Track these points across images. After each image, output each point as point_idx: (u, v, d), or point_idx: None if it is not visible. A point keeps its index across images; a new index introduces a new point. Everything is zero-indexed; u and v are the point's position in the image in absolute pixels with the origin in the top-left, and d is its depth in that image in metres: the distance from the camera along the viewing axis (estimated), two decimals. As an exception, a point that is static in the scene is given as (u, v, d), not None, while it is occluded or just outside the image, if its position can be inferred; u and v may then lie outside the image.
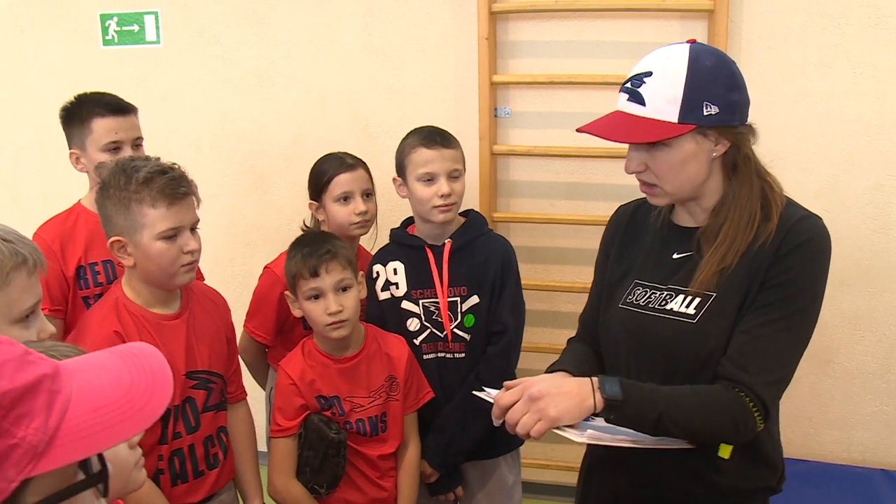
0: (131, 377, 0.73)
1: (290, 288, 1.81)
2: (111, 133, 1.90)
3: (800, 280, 1.28)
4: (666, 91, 1.26)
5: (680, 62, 1.27)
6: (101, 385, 0.72)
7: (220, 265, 2.86)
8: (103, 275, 1.90)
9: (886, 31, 2.36)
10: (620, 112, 1.32)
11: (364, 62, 2.72)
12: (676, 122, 1.26)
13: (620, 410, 1.26)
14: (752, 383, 1.27)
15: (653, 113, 1.27)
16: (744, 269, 1.30)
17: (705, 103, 1.27)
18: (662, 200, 1.38)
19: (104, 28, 2.87)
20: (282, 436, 1.80)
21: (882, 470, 2.54)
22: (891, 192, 2.45)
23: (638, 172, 1.35)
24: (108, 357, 0.76)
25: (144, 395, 0.72)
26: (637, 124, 1.28)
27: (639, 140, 1.30)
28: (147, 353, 0.77)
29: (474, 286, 1.92)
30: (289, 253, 1.82)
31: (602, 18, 2.52)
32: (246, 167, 2.89)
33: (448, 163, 1.88)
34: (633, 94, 1.29)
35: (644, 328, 1.38)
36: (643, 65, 1.31)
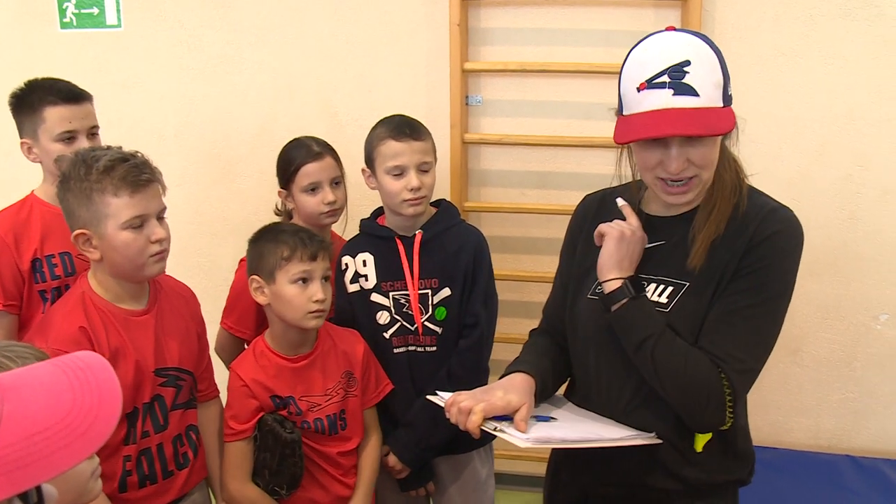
0: (74, 395, 0.64)
1: (265, 272, 1.73)
2: (65, 122, 1.82)
3: (771, 270, 1.28)
4: (711, 77, 1.22)
5: (704, 46, 1.24)
6: (38, 406, 0.63)
7: (185, 257, 2.80)
8: (61, 267, 1.83)
9: (855, 23, 2.37)
10: (672, 109, 1.21)
11: (333, 49, 2.66)
12: (723, 107, 1.24)
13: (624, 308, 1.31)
14: (725, 370, 1.26)
15: (707, 102, 1.22)
16: (716, 258, 1.29)
17: (728, 84, 1.26)
18: (693, 193, 1.32)
19: (62, 10, 2.76)
20: (235, 439, 1.75)
21: (848, 456, 2.58)
22: (859, 183, 2.47)
23: (682, 169, 1.27)
24: (49, 371, 0.67)
25: (88, 417, 0.64)
26: (703, 115, 1.21)
27: (724, 130, 1.24)
28: (94, 365, 0.69)
29: (446, 278, 1.89)
30: (266, 237, 1.76)
31: (575, 6, 2.50)
32: (211, 156, 2.82)
33: (418, 155, 1.84)
34: (679, 88, 1.21)
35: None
36: (669, 56, 1.22)
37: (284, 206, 2.08)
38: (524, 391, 1.35)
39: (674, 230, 1.36)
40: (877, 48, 2.37)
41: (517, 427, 1.27)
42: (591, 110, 2.53)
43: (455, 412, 1.31)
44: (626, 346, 1.31)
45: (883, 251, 2.51)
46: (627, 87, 1.28)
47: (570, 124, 2.56)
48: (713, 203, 1.32)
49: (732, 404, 1.27)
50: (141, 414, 1.60)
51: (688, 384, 1.27)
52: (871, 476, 2.50)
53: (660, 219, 1.40)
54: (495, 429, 1.27)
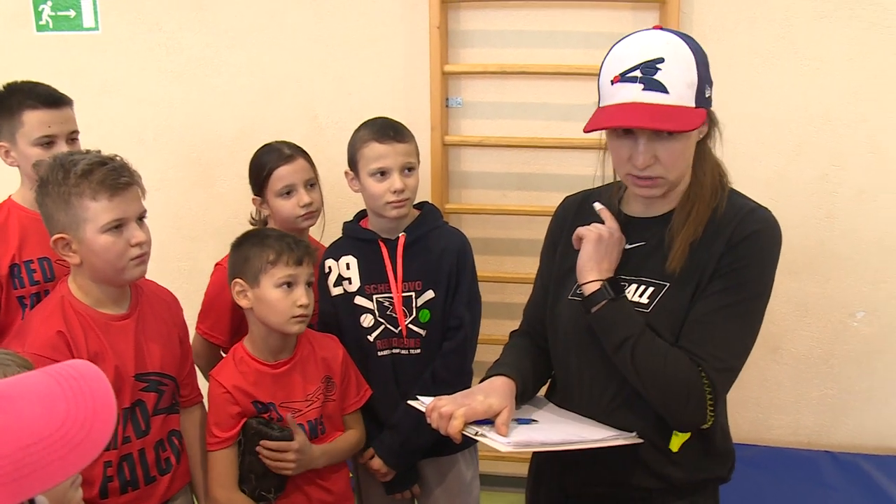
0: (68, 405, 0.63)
1: (249, 276, 1.72)
2: (44, 126, 1.80)
3: (750, 270, 1.29)
4: (684, 76, 1.23)
5: (683, 46, 1.24)
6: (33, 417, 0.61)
7: (165, 261, 2.77)
8: (39, 273, 1.81)
9: (830, 25, 2.41)
10: (639, 104, 1.23)
11: (313, 51, 2.66)
12: (694, 108, 1.23)
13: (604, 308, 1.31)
14: (705, 368, 1.27)
15: (677, 100, 1.22)
16: (696, 258, 1.30)
17: (706, 86, 1.26)
18: (659, 191, 1.33)
19: (37, 13, 2.73)
20: (221, 447, 1.73)
21: (827, 452, 2.62)
22: (835, 183, 2.51)
23: (648, 166, 1.28)
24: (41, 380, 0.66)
25: (83, 428, 0.63)
26: (669, 113, 1.22)
27: (689, 127, 1.23)
28: (87, 374, 0.68)
29: (429, 281, 1.89)
30: (251, 241, 1.75)
31: (554, 8, 2.51)
32: (191, 159, 2.80)
33: (401, 157, 1.83)
34: (650, 83, 1.22)
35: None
36: (644, 52, 1.24)
37: (260, 214, 2.06)
38: (505, 394, 1.35)
39: (653, 231, 1.37)
40: (851, 50, 2.41)
41: (498, 431, 1.27)
42: (570, 112, 2.55)
43: (436, 417, 1.30)
44: (607, 346, 1.32)
45: (859, 250, 2.54)
46: (603, 80, 1.30)
47: (549, 126, 2.57)
48: (691, 205, 1.33)
49: (713, 403, 1.28)
50: (121, 419, 1.58)
51: (668, 383, 1.27)
52: (850, 471, 2.54)
53: (639, 220, 1.40)
54: (476, 433, 1.27)
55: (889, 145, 2.46)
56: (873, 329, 2.59)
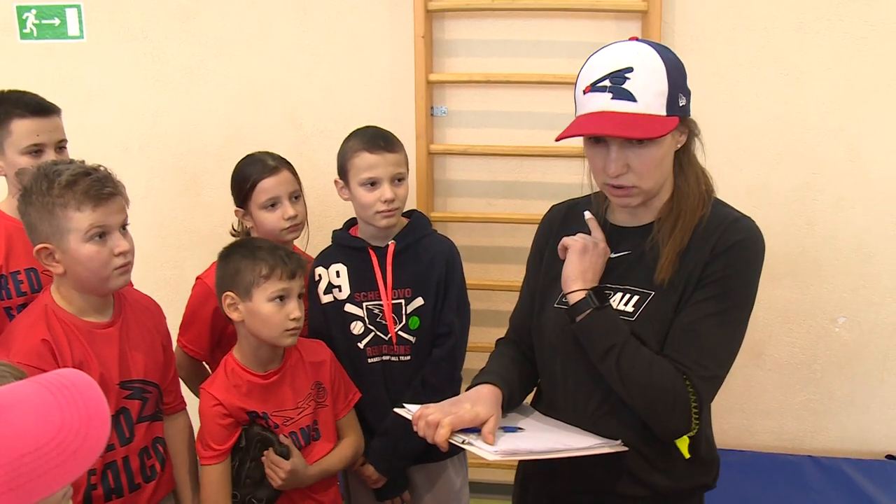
0: (62, 415, 0.64)
1: (241, 289, 1.70)
2: (32, 135, 1.80)
3: (735, 279, 1.30)
4: (653, 85, 1.25)
5: (653, 56, 1.26)
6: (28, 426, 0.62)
7: (150, 269, 2.77)
8: (27, 283, 1.80)
9: (809, 36, 2.45)
10: (605, 112, 1.26)
11: (298, 60, 2.67)
12: (665, 116, 1.25)
13: (588, 318, 1.31)
14: (689, 376, 1.28)
15: (645, 108, 1.24)
16: (681, 267, 1.32)
17: (679, 95, 1.28)
18: (636, 201, 1.34)
19: (21, 21, 2.72)
20: (215, 462, 1.72)
21: (810, 457, 2.65)
22: (815, 190, 2.54)
23: (619, 175, 1.30)
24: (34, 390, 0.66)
25: (78, 437, 0.63)
26: (635, 121, 1.24)
27: (655, 134, 1.25)
28: (79, 383, 0.68)
29: (419, 288, 1.90)
30: (242, 253, 1.73)
31: (538, 18, 2.54)
32: (177, 168, 2.80)
33: (391, 167, 1.85)
34: (618, 92, 1.25)
35: None
36: (613, 62, 1.27)
37: (242, 226, 2.04)
38: (491, 403, 1.35)
39: (639, 240, 1.38)
40: (829, 60, 2.45)
41: (485, 439, 1.27)
42: (554, 120, 2.56)
43: (423, 426, 1.31)
44: (592, 355, 1.33)
45: (839, 256, 2.58)
46: (577, 90, 1.33)
47: (534, 134, 2.59)
48: (676, 214, 1.34)
49: (698, 411, 1.30)
50: None
51: (653, 392, 1.28)
52: (832, 475, 2.57)
53: (625, 229, 1.42)
54: (463, 442, 1.27)
55: (867, 153, 2.50)
56: (854, 335, 2.63)
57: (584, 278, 1.36)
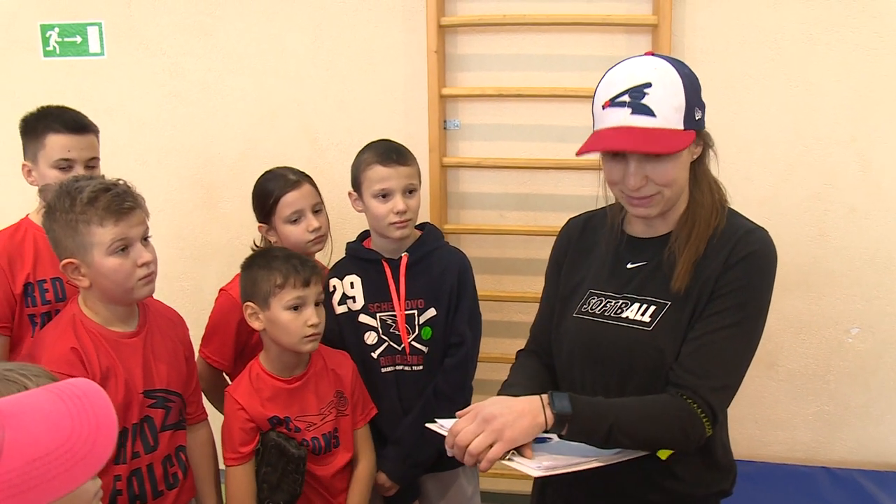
0: (72, 422, 0.66)
1: (259, 299, 1.75)
2: (63, 150, 1.85)
3: (748, 290, 1.31)
4: (671, 99, 1.27)
5: (671, 70, 1.28)
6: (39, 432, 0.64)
7: (168, 281, 2.80)
8: (52, 293, 1.85)
9: (818, 48, 2.46)
10: (625, 128, 1.27)
11: (313, 75, 2.71)
12: (683, 130, 1.28)
13: (571, 425, 1.26)
14: (699, 388, 1.29)
15: (664, 123, 1.26)
16: (696, 277, 1.33)
17: (696, 108, 1.30)
18: (655, 210, 1.36)
19: (45, 39, 2.79)
20: (239, 463, 1.76)
21: (824, 468, 2.63)
22: (827, 201, 2.55)
23: (640, 187, 1.32)
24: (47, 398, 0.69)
25: (87, 443, 0.66)
26: (655, 135, 1.26)
27: (674, 149, 1.27)
28: (90, 392, 0.71)
29: (431, 299, 1.93)
30: (259, 263, 1.78)
31: (549, 32, 2.56)
32: (194, 181, 2.85)
33: (404, 179, 1.88)
34: (637, 108, 1.26)
35: (599, 336, 1.39)
36: (632, 78, 1.28)
37: (265, 241, 2.06)
38: None
39: (655, 251, 1.39)
40: (839, 71, 2.46)
41: (524, 454, 1.26)
42: (566, 133, 2.59)
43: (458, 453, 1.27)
44: (597, 444, 1.31)
45: (852, 267, 2.58)
46: (596, 105, 1.34)
47: (546, 147, 2.61)
48: (691, 225, 1.36)
49: (711, 421, 1.30)
50: (130, 434, 1.61)
51: (665, 433, 1.30)
52: (847, 487, 2.55)
53: (641, 240, 1.43)
54: (505, 457, 1.26)
55: (879, 163, 2.51)
56: (868, 345, 2.62)
57: (524, 435, 1.26)
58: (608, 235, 1.48)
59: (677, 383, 1.31)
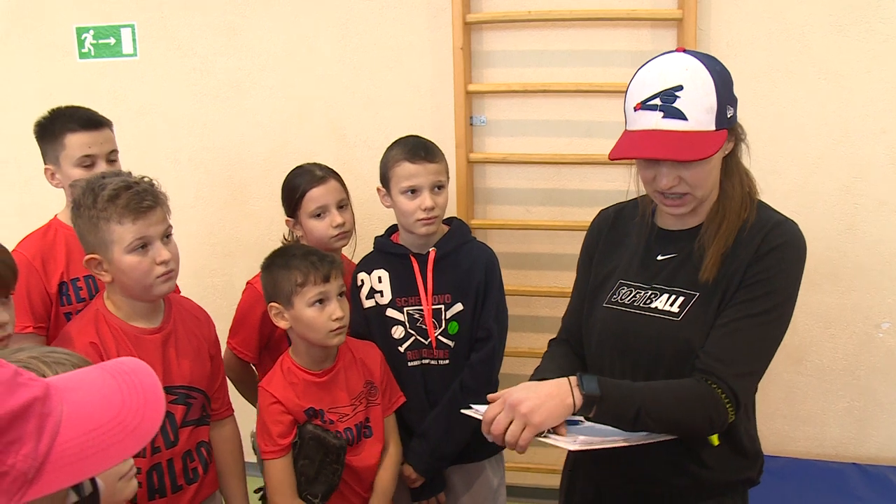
0: (122, 396, 0.71)
1: (282, 298, 1.77)
2: (84, 147, 1.88)
3: (777, 280, 1.33)
4: (703, 101, 1.28)
5: (702, 71, 1.29)
6: (92, 406, 0.69)
7: (199, 277, 2.87)
8: (86, 290, 1.88)
9: (847, 39, 2.43)
10: (657, 131, 1.29)
11: (341, 73, 2.74)
12: (714, 131, 1.29)
13: (599, 407, 1.29)
14: (724, 374, 1.31)
15: (696, 125, 1.27)
16: (725, 269, 1.35)
17: (727, 106, 1.31)
18: (688, 209, 1.38)
19: (80, 41, 2.86)
20: (278, 456, 1.77)
21: (854, 464, 2.60)
22: (856, 194, 2.52)
23: (672, 187, 1.34)
24: (99, 375, 0.73)
25: (137, 416, 0.70)
26: (687, 140, 1.27)
27: (705, 155, 1.28)
28: (138, 370, 0.75)
29: (458, 294, 1.95)
30: (279, 263, 1.80)
31: (574, 27, 2.56)
32: (224, 178, 2.90)
33: (432, 176, 1.89)
34: (669, 111, 1.28)
35: (629, 326, 1.42)
36: (664, 80, 1.29)
37: (293, 235, 2.10)
38: None
39: (685, 243, 1.41)
40: (869, 62, 2.43)
41: (559, 432, 1.30)
42: (592, 128, 2.60)
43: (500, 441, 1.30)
44: (625, 427, 1.33)
45: (882, 260, 2.55)
46: (627, 105, 1.36)
47: (572, 142, 2.62)
48: (720, 217, 1.38)
49: (734, 407, 1.32)
50: None
51: (691, 417, 1.32)
52: (878, 483, 2.52)
53: (672, 232, 1.45)
54: (542, 434, 1.30)
55: (910, 157, 2.48)
56: (899, 340, 2.59)
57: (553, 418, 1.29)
58: (639, 227, 1.49)
59: (703, 369, 1.33)
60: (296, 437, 1.79)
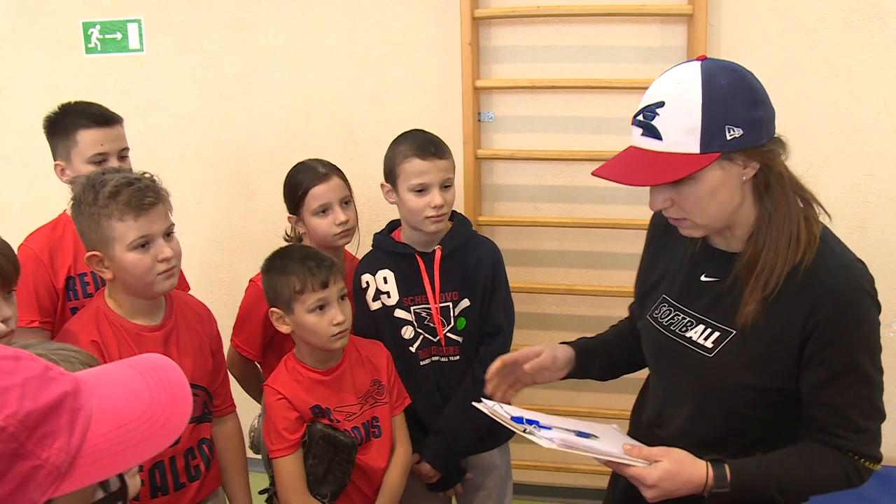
0: (151, 392, 0.71)
1: (282, 304, 1.75)
2: (97, 145, 1.87)
3: (858, 344, 1.28)
4: (682, 121, 1.17)
5: (693, 86, 1.17)
6: (122, 401, 0.69)
7: (206, 272, 2.86)
8: (93, 285, 1.88)
9: (859, 35, 2.41)
10: (635, 148, 1.23)
11: (348, 68, 2.73)
12: (699, 153, 1.17)
13: (731, 495, 1.26)
14: (857, 448, 1.29)
15: (671, 147, 1.18)
16: (772, 314, 1.26)
17: (727, 127, 1.17)
18: (696, 233, 1.30)
19: (87, 36, 2.86)
20: (287, 453, 1.75)
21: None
22: (867, 192, 2.50)
23: (665, 209, 1.27)
24: (126, 370, 0.73)
25: (166, 411, 0.70)
26: (656, 161, 1.19)
27: (660, 181, 1.20)
28: (165, 366, 0.75)
29: (465, 290, 1.93)
30: (277, 268, 1.77)
31: (583, 23, 2.55)
32: (231, 174, 2.89)
33: (441, 173, 1.86)
34: (646, 128, 1.20)
35: (664, 349, 1.40)
36: (654, 94, 1.22)
37: (295, 232, 2.08)
38: (551, 348, 1.53)
39: (727, 268, 1.31)
40: (881, 58, 2.41)
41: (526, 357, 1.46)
42: (600, 125, 2.58)
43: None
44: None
45: (893, 259, 2.52)
46: None
47: (580, 139, 2.61)
48: (756, 254, 1.26)
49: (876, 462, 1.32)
50: None
51: (831, 485, 1.30)
52: (889, 484, 2.50)
53: (717, 251, 1.35)
54: (525, 431, 1.30)
55: (922, 154, 2.45)
56: (909, 339, 2.57)
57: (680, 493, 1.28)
58: (688, 239, 1.38)
59: (836, 445, 1.29)
60: (304, 437, 1.77)
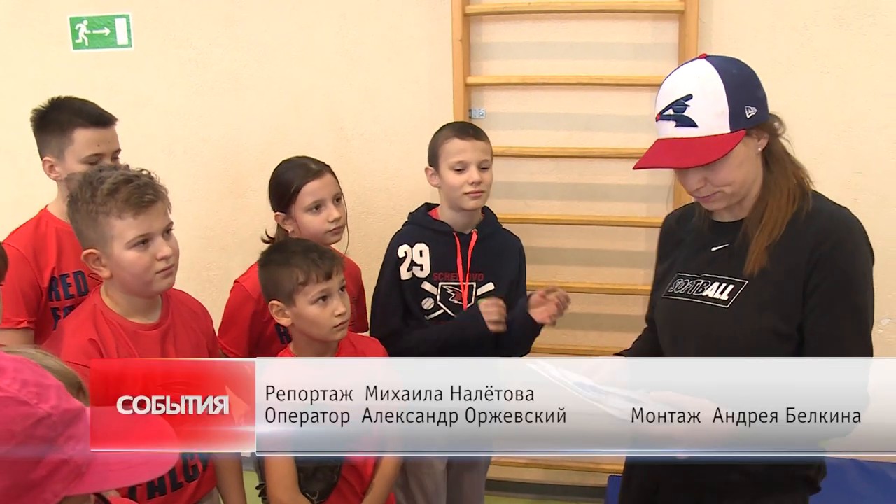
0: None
1: (283, 296, 1.74)
2: (93, 145, 1.83)
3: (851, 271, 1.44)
4: (712, 107, 1.36)
5: (713, 77, 1.37)
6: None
7: (195, 270, 2.84)
8: (74, 287, 1.85)
9: (850, 32, 2.41)
10: (668, 140, 1.40)
11: (338, 64, 2.72)
12: (730, 133, 1.36)
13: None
14: None
15: (707, 131, 1.36)
16: (776, 259, 1.41)
17: (746, 107, 1.38)
18: (721, 204, 1.46)
19: (74, 31, 2.83)
20: None
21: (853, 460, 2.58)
22: (857, 189, 2.50)
23: (699, 189, 1.42)
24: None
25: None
26: (694, 145, 1.37)
27: (710, 159, 1.36)
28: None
29: (490, 274, 2.05)
30: (277, 261, 1.76)
31: (574, 20, 2.54)
32: (220, 171, 2.87)
33: (479, 153, 1.98)
34: (680, 120, 1.38)
35: (682, 314, 1.50)
36: (675, 91, 1.39)
37: (279, 230, 2.06)
38: None
39: (736, 233, 1.47)
40: (872, 56, 2.41)
41: None
42: (592, 121, 2.58)
43: None
44: None
45: (883, 256, 2.47)
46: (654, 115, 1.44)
47: (571, 136, 2.60)
48: (761, 210, 1.44)
49: None
50: None
51: None
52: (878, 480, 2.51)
53: (725, 224, 1.51)
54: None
55: (912, 151, 2.46)
56: (899, 336, 2.58)
57: None
58: (697, 223, 1.57)
59: None
60: None
